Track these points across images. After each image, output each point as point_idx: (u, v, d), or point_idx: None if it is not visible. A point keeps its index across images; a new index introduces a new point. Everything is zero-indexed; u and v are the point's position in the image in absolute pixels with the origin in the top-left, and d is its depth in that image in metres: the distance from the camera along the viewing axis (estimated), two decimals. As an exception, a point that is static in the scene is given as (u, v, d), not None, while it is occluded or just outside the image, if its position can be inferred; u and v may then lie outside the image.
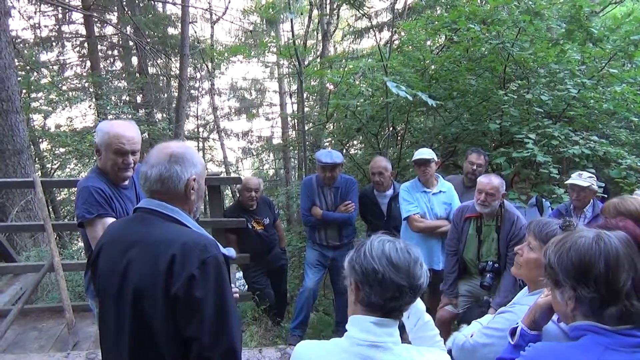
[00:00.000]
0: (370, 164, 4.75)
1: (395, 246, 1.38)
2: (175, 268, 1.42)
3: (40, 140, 11.83)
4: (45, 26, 14.25)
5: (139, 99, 15.92)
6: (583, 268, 1.26)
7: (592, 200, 4.01)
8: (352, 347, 1.34)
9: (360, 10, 9.05)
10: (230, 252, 1.63)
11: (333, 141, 9.28)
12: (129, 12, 13.44)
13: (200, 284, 1.41)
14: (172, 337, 1.45)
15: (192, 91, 18.26)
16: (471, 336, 1.98)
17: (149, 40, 13.89)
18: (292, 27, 8.18)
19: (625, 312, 1.22)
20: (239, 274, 5.74)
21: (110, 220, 2.38)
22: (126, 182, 2.59)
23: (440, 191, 4.25)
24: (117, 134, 2.42)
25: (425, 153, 4.18)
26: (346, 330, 1.40)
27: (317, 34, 15.18)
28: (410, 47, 7.25)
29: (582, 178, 3.91)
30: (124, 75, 16.39)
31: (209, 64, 16.91)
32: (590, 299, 1.25)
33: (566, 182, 4.06)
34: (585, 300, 1.26)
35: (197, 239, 1.49)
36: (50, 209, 10.51)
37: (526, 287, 2.03)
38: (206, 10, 15.95)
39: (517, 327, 1.57)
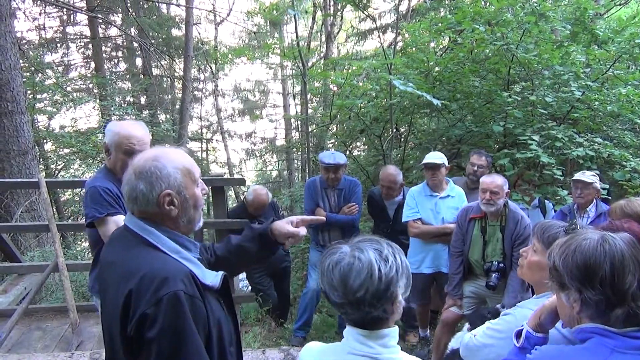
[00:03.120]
0: (380, 174, 4.70)
1: (335, 260, 1.30)
2: (131, 306, 1.28)
3: (45, 141, 11.88)
4: (50, 27, 14.36)
5: (142, 100, 15.99)
6: (588, 270, 1.25)
7: (595, 200, 4.01)
8: (348, 355, 1.33)
9: (364, 12, 9.07)
10: (215, 280, 1.45)
11: (337, 142, 9.30)
12: (133, 13, 13.49)
13: (153, 324, 1.24)
14: None
15: (195, 92, 18.33)
16: (475, 336, 1.99)
17: (153, 41, 13.95)
18: (296, 28, 8.19)
19: (631, 314, 1.22)
20: (242, 275, 5.74)
21: (120, 217, 2.39)
22: None
23: (448, 195, 4.20)
24: (127, 135, 2.44)
25: (435, 157, 4.15)
26: None
27: (321, 35, 15.19)
28: (414, 48, 7.26)
29: (586, 175, 3.93)
30: (128, 76, 16.47)
31: (213, 66, 16.98)
32: (596, 301, 1.24)
33: (571, 180, 4.07)
34: (591, 302, 1.25)
35: (159, 271, 1.31)
36: (55, 210, 10.56)
37: None
38: (210, 11, 16.02)
39: (522, 329, 1.56)
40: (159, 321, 1.24)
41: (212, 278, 1.44)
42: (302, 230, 1.82)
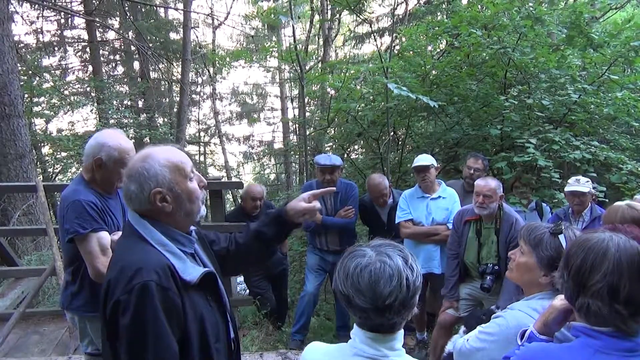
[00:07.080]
0: (367, 187, 4.65)
1: (363, 263, 1.26)
2: (109, 294, 1.36)
3: (42, 144, 11.87)
4: (47, 31, 14.31)
5: (140, 103, 15.99)
6: (567, 257, 1.37)
7: (589, 204, 4.03)
8: (355, 357, 1.32)
9: (359, 16, 9.09)
10: (193, 275, 1.44)
11: (334, 146, 9.30)
12: (131, 17, 13.49)
13: (123, 311, 1.31)
14: None
15: (193, 96, 18.33)
16: (467, 340, 1.99)
17: (150, 45, 13.95)
18: (293, 32, 8.20)
19: (591, 310, 1.26)
20: (240, 279, 5.73)
21: (104, 234, 2.33)
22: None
23: (440, 197, 4.22)
24: (126, 148, 2.41)
25: (423, 159, 4.17)
26: (348, 335, 1.39)
27: (319, 39, 15.22)
28: (411, 52, 7.28)
29: (581, 184, 3.93)
30: (125, 79, 16.48)
31: (211, 69, 16.99)
32: (565, 287, 1.35)
33: (565, 190, 4.07)
34: (564, 287, 1.37)
35: (135, 262, 1.37)
36: (52, 213, 10.53)
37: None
38: (208, 15, 16.00)
39: (527, 329, 1.57)
40: (130, 309, 1.31)
41: (193, 273, 1.44)
42: (317, 204, 1.86)
